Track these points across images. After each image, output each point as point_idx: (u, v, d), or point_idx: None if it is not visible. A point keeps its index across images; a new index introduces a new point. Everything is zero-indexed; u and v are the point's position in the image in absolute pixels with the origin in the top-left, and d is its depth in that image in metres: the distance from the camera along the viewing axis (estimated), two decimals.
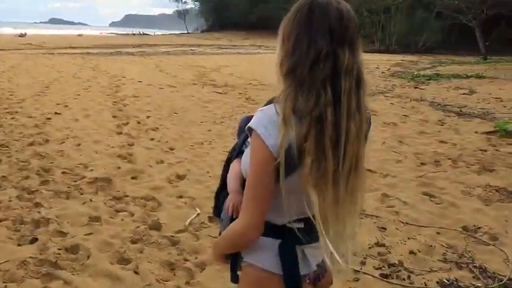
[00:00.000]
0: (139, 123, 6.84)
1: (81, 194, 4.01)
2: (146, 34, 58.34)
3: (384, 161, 5.02)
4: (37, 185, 4.20)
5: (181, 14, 68.45)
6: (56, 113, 7.38)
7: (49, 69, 13.97)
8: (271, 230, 1.24)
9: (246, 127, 1.18)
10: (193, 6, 69.82)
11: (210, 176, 4.50)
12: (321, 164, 1.10)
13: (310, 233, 1.22)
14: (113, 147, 5.52)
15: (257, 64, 18.74)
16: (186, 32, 65.93)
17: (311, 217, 1.16)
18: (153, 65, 17.02)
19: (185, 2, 68.70)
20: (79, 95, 9.30)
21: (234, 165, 1.39)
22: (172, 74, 13.94)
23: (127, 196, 3.98)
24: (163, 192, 4.11)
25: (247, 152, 1.27)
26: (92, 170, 4.65)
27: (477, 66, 18.70)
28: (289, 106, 1.12)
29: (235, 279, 1.35)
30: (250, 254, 1.27)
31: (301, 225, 1.24)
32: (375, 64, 18.53)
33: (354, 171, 1.14)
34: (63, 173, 4.53)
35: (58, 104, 8.18)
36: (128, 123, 6.79)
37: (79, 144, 5.58)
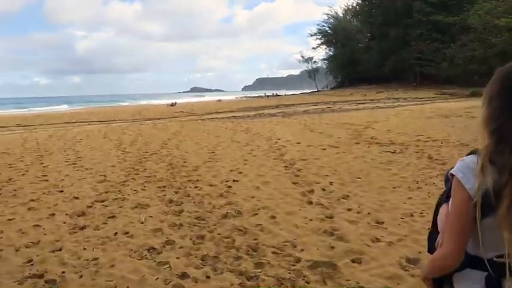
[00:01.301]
0: (324, 190, 6.30)
1: (307, 282, 3.46)
2: (278, 95, 60.50)
3: None
4: (252, 268, 3.78)
5: (311, 73, 70.00)
6: (234, 180, 7.26)
7: (207, 135, 14.61)
8: (478, 263, 1.37)
9: (449, 173, 1.41)
10: (320, 65, 71.23)
11: None
12: None
13: None
14: (311, 220, 5.00)
15: (407, 117, 17.57)
16: (316, 90, 66.94)
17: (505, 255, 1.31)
18: (301, 125, 16.91)
19: (315, 62, 70.29)
20: (246, 160, 9.24)
21: (443, 208, 1.52)
22: (325, 133, 13.54)
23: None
24: (404, 284, 3.36)
25: None
26: (302, 249, 4.13)
27: None
28: (487, 158, 1.30)
29: None
30: (461, 283, 1.42)
31: (508, 260, 1.32)
32: None
33: None
34: (273, 253, 4.08)
35: (231, 171, 8.12)
36: (312, 190, 6.30)
37: (274, 217, 5.18)
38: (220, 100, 53.41)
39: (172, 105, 39.47)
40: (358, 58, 59.62)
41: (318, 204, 5.59)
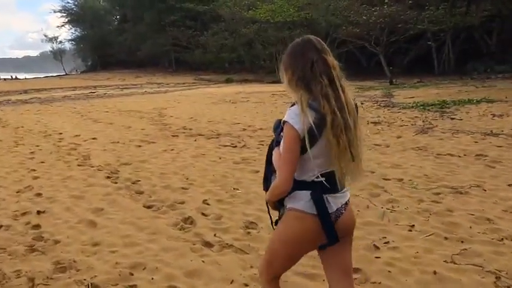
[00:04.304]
0: (205, 215, 4.12)
1: None
2: (18, 78, 51.25)
3: None
4: None
5: (58, 55, 61.86)
6: (38, 212, 4.32)
7: None
8: (304, 185, 1.80)
9: (282, 121, 1.80)
10: (65, 46, 64.00)
11: None
12: (335, 120, 1.70)
13: (332, 185, 1.79)
14: (246, 285, 2.88)
15: (193, 103, 16.35)
16: (65, 73, 59.65)
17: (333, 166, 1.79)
18: (74, 114, 13.60)
19: (60, 42, 62.47)
20: (34, 170, 6.10)
21: (275, 151, 1.91)
22: (118, 124, 10.89)
23: None
24: None
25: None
26: None
27: (452, 90, 17.52)
28: (305, 104, 1.73)
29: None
30: (292, 202, 1.84)
31: (324, 179, 1.79)
32: None
33: (354, 123, 1.77)
34: None
35: (19, 192, 5.03)
36: (189, 218, 4.00)
37: (131, 274, 2.83)
38: None
39: None
40: (111, 41, 55.75)
41: (225, 247, 3.44)
